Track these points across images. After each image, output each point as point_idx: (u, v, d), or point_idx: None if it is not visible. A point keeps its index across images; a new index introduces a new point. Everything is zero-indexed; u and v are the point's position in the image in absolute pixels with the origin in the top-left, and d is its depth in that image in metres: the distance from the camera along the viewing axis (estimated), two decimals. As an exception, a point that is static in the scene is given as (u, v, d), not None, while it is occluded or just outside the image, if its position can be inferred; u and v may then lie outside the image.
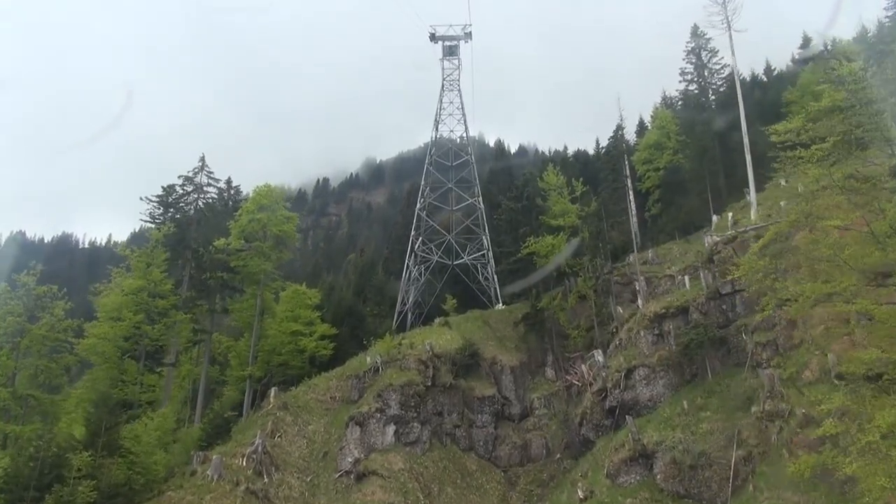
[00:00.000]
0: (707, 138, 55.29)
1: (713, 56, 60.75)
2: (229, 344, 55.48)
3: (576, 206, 48.02)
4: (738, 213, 42.09)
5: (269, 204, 54.52)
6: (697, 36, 61.80)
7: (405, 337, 47.87)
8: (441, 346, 44.95)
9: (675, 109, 69.41)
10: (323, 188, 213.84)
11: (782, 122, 24.11)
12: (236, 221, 52.97)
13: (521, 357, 47.38)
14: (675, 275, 38.92)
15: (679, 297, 35.31)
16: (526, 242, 47.49)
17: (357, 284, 61.30)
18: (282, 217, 54.97)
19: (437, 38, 67.80)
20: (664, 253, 51.83)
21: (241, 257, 51.82)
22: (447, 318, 50.34)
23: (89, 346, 39.91)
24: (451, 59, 67.52)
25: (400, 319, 57.17)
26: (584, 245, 47.39)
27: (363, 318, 55.16)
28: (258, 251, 52.63)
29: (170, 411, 38.98)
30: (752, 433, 28.60)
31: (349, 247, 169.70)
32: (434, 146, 64.67)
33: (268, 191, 54.99)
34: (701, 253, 38.61)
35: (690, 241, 52.57)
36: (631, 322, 37.21)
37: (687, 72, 61.86)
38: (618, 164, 52.46)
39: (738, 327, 32.80)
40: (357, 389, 43.76)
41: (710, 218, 53.82)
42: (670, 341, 34.36)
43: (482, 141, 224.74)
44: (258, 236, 53.53)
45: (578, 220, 47.29)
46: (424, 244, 61.12)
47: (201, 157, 50.28)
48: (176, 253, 47.55)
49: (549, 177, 50.24)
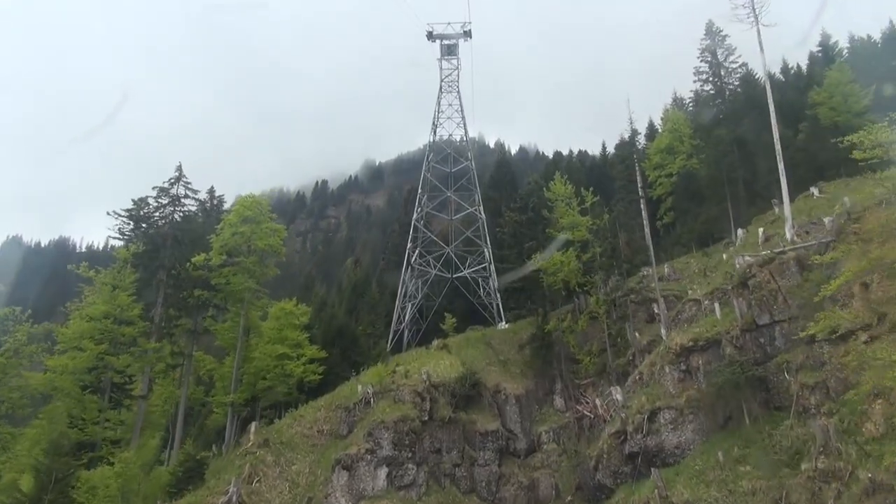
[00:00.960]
0: (725, 142, 50.60)
1: (730, 54, 56.02)
2: (213, 366, 50.93)
3: (586, 219, 43.32)
4: (769, 227, 37.38)
5: (254, 216, 49.85)
6: (713, 33, 57.05)
7: (399, 362, 43.25)
8: (439, 375, 40.30)
9: (686, 111, 64.72)
10: (322, 190, 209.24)
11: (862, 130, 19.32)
12: (218, 235, 48.34)
13: (527, 384, 42.71)
14: (700, 299, 34.21)
15: (708, 328, 30.61)
16: (531, 258, 42.83)
17: (350, 300, 56.66)
18: (268, 230, 50.33)
19: (434, 36, 63.17)
20: (681, 268, 47.19)
21: (222, 274, 47.25)
22: (446, 341, 45.73)
23: (46, 381, 35.33)
24: (449, 59, 62.91)
25: (395, 339, 52.54)
26: (594, 261, 42.78)
27: (356, 339, 50.52)
28: (241, 267, 48.12)
29: (134, 455, 34.39)
30: (803, 496, 23.87)
31: (347, 251, 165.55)
32: (431, 151, 60.01)
33: (252, 201, 50.31)
34: (729, 274, 33.87)
35: (709, 255, 47.94)
36: (653, 355, 32.50)
37: (702, 71, 57.09)
38: (632, 174, 47.69)
39: (780, 364, 28.10)
40: (346, 423, 39.14)
41: (731, 229, 49.21)
42: (699, 379, 29.69)
43: (482, 142, 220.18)
44: (242, 251, 48.98)
45: (589, 235, 42.60)
46: (422, 256, 56.48)
47: (178, 167, 45.63)
48: (148, 273, 42.96)
49: (556, 186, 45.52)
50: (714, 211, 49.66)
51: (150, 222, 44.50)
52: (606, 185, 70.73)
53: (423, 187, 57.66)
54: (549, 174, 72.99)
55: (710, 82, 57.31)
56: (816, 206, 37.70)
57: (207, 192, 55.24)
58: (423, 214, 56.52)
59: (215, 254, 47.53)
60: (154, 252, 43.07)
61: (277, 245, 50.54)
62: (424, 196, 57.81)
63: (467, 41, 63.16)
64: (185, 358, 46.59)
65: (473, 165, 58.69)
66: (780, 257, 30.60)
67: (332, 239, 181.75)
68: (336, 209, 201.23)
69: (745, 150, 50.82)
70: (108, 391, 36.83)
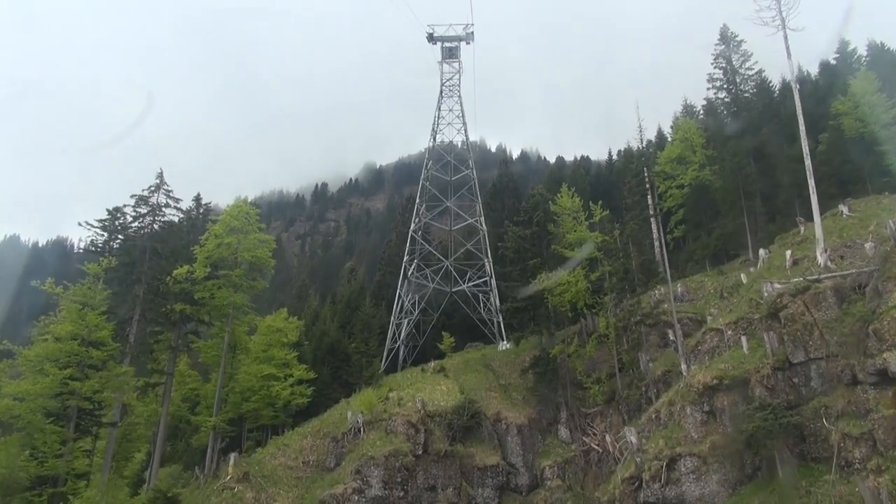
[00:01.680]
0: (742, 154, 47.21)
1: (746, 60, 52.67)
2: (196, 385, 47.60)
3: (595, 234, 39.92)
4: (796, 249, 33.99)
5: (241, 226, 46.49)
6: (727, 38, 53.75)
7: (393, 386, 39.86)
8: (435, 403, 36.94)
9: (698, 119, 61.38)
10: (322, 193, 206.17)
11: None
12: (202, 246, 44.99)
13: (530, 412, 39.29)
14: (723, 329, 30.80)
15: (735, 365, 27.21)
16: (536, 277, 39.44)
17: (343, 314, 53.23)
18: (255, 241, 46.96)
19: (435, 38, 59.79)
20: (695, 287, 43.77)
21: (206, 288, 43.90)
22: (443, 363, 42.36)
23: (4, 408, 31.87)
24: (450, 62, 59.54)
25: (390, 358, 49.14)
26: (604, 280, 39.40)
27: (348, 358, 47.13)
28: (227, 281, 44.81)
29: (94, 494, 30.99)
30: (851, 570, 20.62)
31: (346, 255, 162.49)
32: (430, 159, 56.61)
33: (239, 210, 46.93)
34: (755, 301, 30.49)
35: (725, 273, 44.51)
36: (672, 393, 29.08)
37: (716, 78, 53.72)
38: (645, 190, 44.33)
39: (816, 409, 24.70)
40: (334, 455, 35.78)
41: (748, 246, 45.88)
42: (725, 422, 26.30)
43: (483, 146, 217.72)
44: (228, 263, 45.64)
45: (599, 252, 39.20)
46: (419, 269, 53.09)
47: (158, 174, 42.18)
48: (124, 288, 39.59)
49: (562, 199, 42.12)
50: (730, 226, 46.25)
51: (126, 234, 41.09)
52: (613, 194, 67.39)
53: (422, 196, 54.27)
54: (552, 182, 69.77)
55: (725, 89, 54.01)
56: (847, 226, 34.31)
57: (193, 200, 51.80)
58: (421, 225, 53.14)
59: (199, 266, 44.14)
60: (130, 266, 39.67)
61: (266, 257, 47.14)
62: (423, 205, 54.41)
63: (469, 44, 59.90)
64: (166, 376, 43.33)
65: (475, 174, 55.27)
66: (815, 286, 27.18)
67: (331, 243, 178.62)
68: (335, 212, 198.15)
69: (764, 163, 47.47)
70: (75, 419, 33.36)
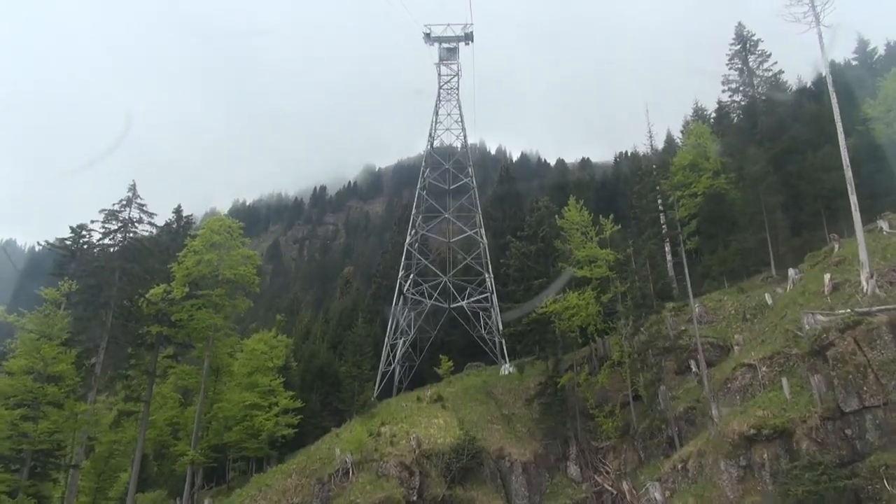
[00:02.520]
0: (763, 162, 43.32)
1: (764, 61, 48.71)
2: (175, 412, 43.65)
3: (606, 251, 36.02)
4: (834, 271, 30.09)
5: (223, 241, 42.71)
6: (743, 38, 49.78)
7: (386, 419, 35.93)
8: (431, 441, 33.07)
9: (710, 123, 57.52)
10: (320, 196, 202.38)
11: None
12: (180, 264, 41.23)
13: (536, 447, 35.41)
14: (756, 365, 26.93)
15: (775, 411, 23.35)
16: (543, 299, 35.60)
17: (335, 332, 49.39)
18: (238, 257, 43.16)
19: (432, 39, 55.91)
20: (714, 307, 39.85)
21: (184, 309, 40.16)
22: (440, 391, 38.51)
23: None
24: (448, 64, 55.65)
25: (384, 381, 45.29)
26: (616, 302, 35.59)
27: (339, 382, 43.29)
28: (207, 301, 41.05)
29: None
30: None
31: (344, 259, 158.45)
32: (428, 166, 52.73)
33: (221, 224, 43.16)
34: (791, 333, 26.63)
35: (745, 291, 40.63)
36: (701, 442, 25.21)
37: (731, 80, 49.75)
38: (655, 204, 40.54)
39: (875, 468, 20.84)
40: (320, 499, 31.89)
41: (769, 261, 41.99)
42: (765, 480, 22.44)
43: (483, 148, 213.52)
44: (208, 282, 41.87)
45: (611, 272, 35.34)
46: (416, 284, 49.24)
47: (131, 186, 38.28)
48: (90, 313, 35.74)
49: (570, 213, 38.24)
50: (750, 241, 42.33)
51: (93, 253, 37.27)
52: (619, 201, 63.57)
53: (418, 207, 50.37)
54: (555, 190, 66.01)
55: (740, 92, 50.04)
56: (891, 245, 30.40)
57: (174, 212, 48.01)
58: (417, 238, 49.27)
59: (177, 285, 40.42)
60: (97, 288, 35.81)
61: (250, 275, 43.32)
62: (419, 216, 50.51)
63: (469, 44, 56.02)
64: (143, 404, 39.56)
65: (474, 182, 51.37)
66: (867, 320, 23.34)
67: (329, 247, 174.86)
68: (334, 216, 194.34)
69: (786, 172, 43.59)
70: (30, 463, 29.58)
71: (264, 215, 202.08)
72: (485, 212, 58.93)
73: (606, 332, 36.92)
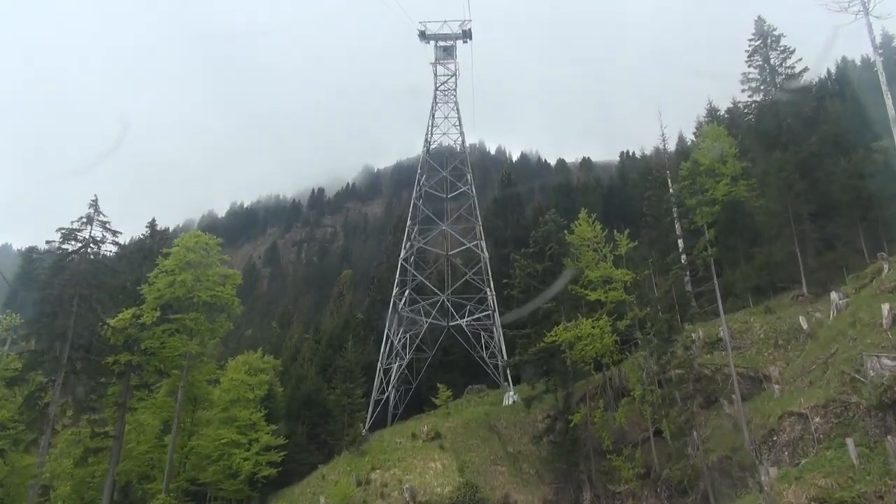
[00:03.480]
0: (790, 167, 38.98)
1: (787, 57, 44.31)
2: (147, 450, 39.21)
3: (623, 272, 31.67)
4: (891, 299, 25.71)
5: (198, 259, 38.46)
6: (764, 33, 45.39)
7: (376, 462, 31.62)
8: (428, 490, 28.81)
9: (727, 125, 53.08)
10: (318, 198, 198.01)
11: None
12: (151, 286, 37.05)
13: (545, 492, 31.18)
14: (807, 414, 22.65)
15: (840, 479, 19.02)
16: (549, 326, 31.31)
17: (326, 354, 45.12)
18: (216, 277, 38.92)
19: (428, 37, 51.49)
20: (740, 329, 35.57)
21: (155, 335, 35.99)
22: (438, 426, 34.19)
23: None
24: (445, 64, 51.24)
25: (377, 410, 41.00)
26: (634, 329, 31.33)
27: (328, 413, 39.00)
28: (180, 326, 36.87)
29: None
30: None
31: (343, 262, 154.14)
32: (424, 174, 48.35)
33: (196, 241, 38.88)
34: (847, 376, 22.31)
35: (774, 312, 36.37)
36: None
37: (751, 78, 45.35)
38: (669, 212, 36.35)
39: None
40: (301, 560, 27.78)
41: (800, 278, 37.70)
42: (831, 565, 18.17)
43: (483, 148, 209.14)
44: (183, 305, 37.67)
45: (628, 295, 31.05)
46: (412, 302, 44.94)
47: (92, 202, 33.90)
48: (45, 344, 31.51)
49: (580, 227, 33.89)
50: (778, 255, 38.02)
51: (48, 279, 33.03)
52: (627, 207, 59.35)
53: (413, 218, 45.98)
54: (560, 196, 61.64)
55: (761, 91, 45.66)
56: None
57: (147, 226, 43.78)
58: (412, 252, 44.93)
59: (147, 309, 36.24)
60: (51, 317, 31.55)
61: (229, 296, 39.04)
62: (415, 228, 46.15)
63: (467, 42, 51.59)
64: (112, 440, 35.39)
65: (474, 191, 46.97)
66: (951, 368, 19.02)
67: (327, 249, 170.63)
68: (333, 217, 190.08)
69: (814, 178, 39.25)
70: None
71: (262, 218, 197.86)
72: (485, 219, 54.65)
73: (622, 359, 32.68)
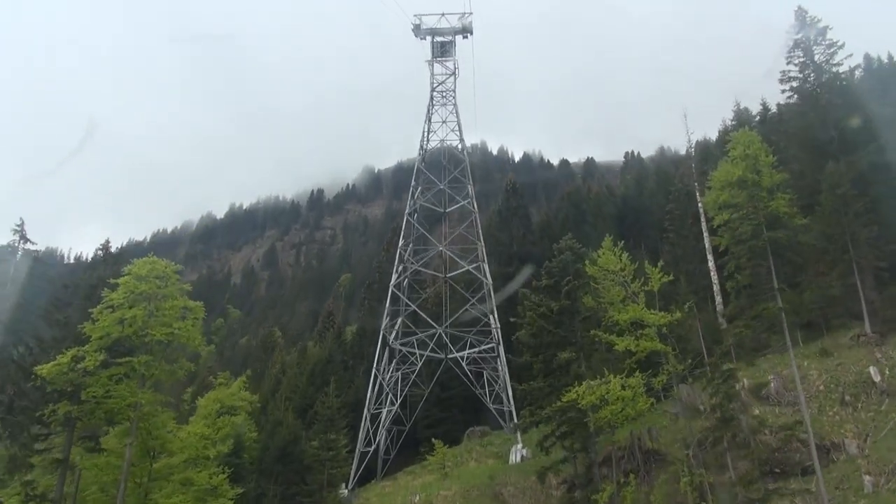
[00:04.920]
0: (845, 182, 32.65)
1: (834, 52, 37.96)
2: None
3: (658, 315, 25.34)
4: None
5: (153, 291, 32.21)
6: (807, 24, 39.06)
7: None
8: None
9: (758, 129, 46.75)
10: (318, 200, 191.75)
11: None
12: (95, 323, 30.81)
13: (563, 585, 25.05)
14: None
15: None
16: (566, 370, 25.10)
17: (307, 392, 38.96)
18: (173, 310, 32.53)
19: (423, 32, 45.21)
20: (792, 376, 29.29)
21: (99, 382, 29.80)
22: (431, 499, 27.97)
23: None
24: (443, 62, 44.93)
25: (363, 464, 34.78)
26: (672, 384, 25.13)
27: (306, 468, 32.81)
28: (129, 369, 30.66)
29: None
30: None
31: (342, 266, 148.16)
32: (419, 185, 42.05)
33: (150, 268, 32.35)
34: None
35: (831, 354, 30.13)
36: None
37: (792, 77, 39.06)
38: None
39: None
40: None
41: (861, 313, 31.36)
42: None
43: (484, 149, 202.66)
44: (134, 345, 31.47)
45: (665, 345, 24.80)
46: (404, 335, 38.75)
47: (17, 226, 27.81)
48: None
49: (604, 257, 27.55)
50: (836, 287, 31.72)
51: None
52: (644, 219, 53.04)
53: (407, 236, 39.72)
54: (571, 207, 55.30)
55: (803, 90, 39.36)
56: None
57: (100, 248, 37.55)
58: (404, 280, 38.67)
59: (90, 350, 30.06)
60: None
61: (191, 333, 32.68)
62: (408, 247, 39.87)
63: (467, 37, 45.28)
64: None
65: (475, 205, 40.57)
66: None
67: (326, 252, 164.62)
68: (332, 219, 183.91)
69: (874, 195, 32.92)
70: None
71: (261, 220, 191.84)
72: (487, 232, 48.35)
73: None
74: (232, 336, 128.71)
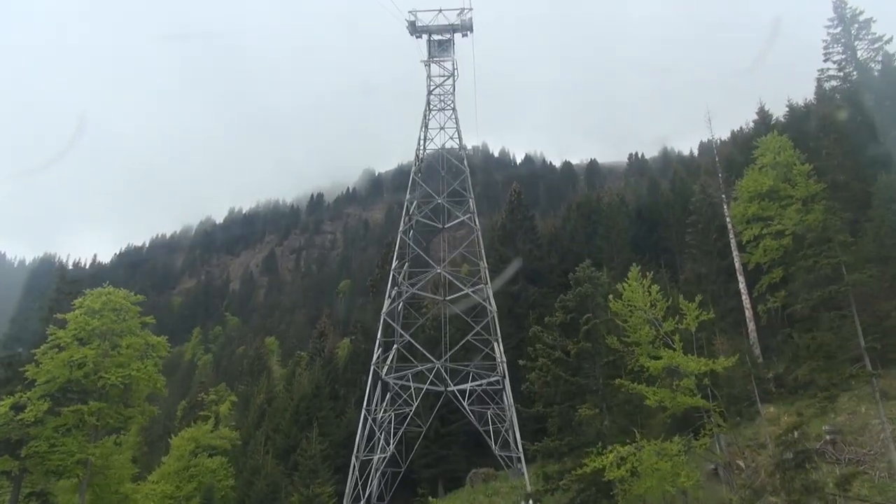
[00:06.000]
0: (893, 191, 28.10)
1: (880, 49, 33.36)
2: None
3: (697, 361, 20.79)
4: None
5: (107, 327, 27.85)
6: (846, 19, 34.46)
7: None
8: None
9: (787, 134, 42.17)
10: (317, 204, 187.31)
11: None
12: (40, 366, 26.52)
13: None
14: None
15: None
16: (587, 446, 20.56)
17: (288, 434, 34.42)
18: (132, 349, 28.24)
19: (419, 29, 40.72)
20: (852, 426, 24.80)
21: (44, 433, 25.57)
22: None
23: None
24: (440, 62, 40.38)
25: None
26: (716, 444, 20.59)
27: (284, 527, 28.37)
28: (76, 419, 26.42)
29: None
30: None
31: (342, 271, 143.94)
32: (415, 199, 37.52)
33: (104, 300, 28.07)
34: None
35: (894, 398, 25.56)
36: None
37: (831, 75, 34.53)
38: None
39: None
40: None
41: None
42: None
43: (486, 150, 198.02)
44: (86, 391, 27.17)
45: (708, 401, 20.27)
46: (398, 368, 34.24)
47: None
48: None
49: (629, 290, 23.04)
50: (894, 316, 27.20)
51: None
52: (660, 230, 48.39)
53: (401, 258, 35.20)
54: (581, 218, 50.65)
55: (842, 89, 34.79)
56: None
57: (57, 270, 33.20)
58: (398, 307, 34.16)
59: (33, 398, 25.78)
60: None
61: (151, 374, 28.39)
62: (402, 269, 35.33)
63: (467, 35, 40.77)
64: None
65: (477, 222, 36.01)
66: None
67: (326, 257, 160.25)
68: (332, 223, 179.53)
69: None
70: None
71: (260, 225, 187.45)
72: (490, 247, 43.83)
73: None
74: (230, 345, 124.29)
